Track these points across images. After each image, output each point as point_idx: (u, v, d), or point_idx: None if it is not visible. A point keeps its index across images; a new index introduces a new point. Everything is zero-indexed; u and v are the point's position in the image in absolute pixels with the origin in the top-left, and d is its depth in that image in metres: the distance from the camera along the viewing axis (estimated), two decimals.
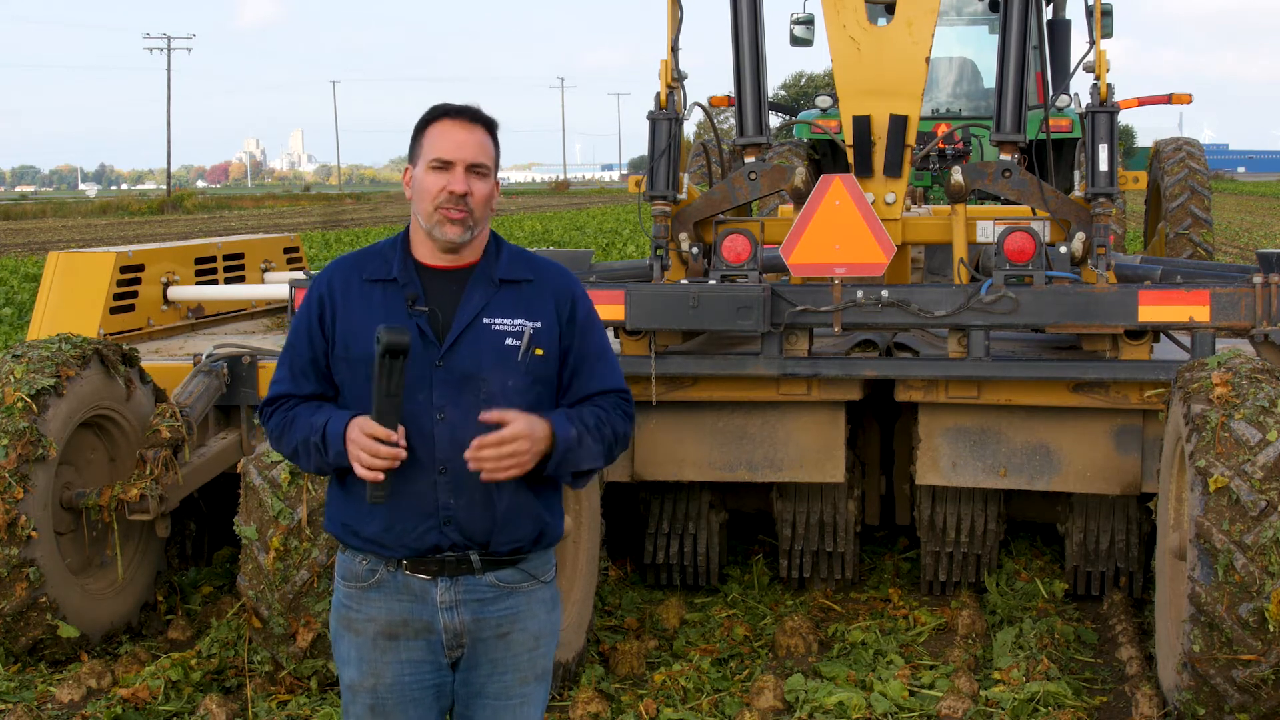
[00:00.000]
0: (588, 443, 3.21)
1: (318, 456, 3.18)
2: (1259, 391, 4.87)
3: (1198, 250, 11.53)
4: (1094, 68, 6.38)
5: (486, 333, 3.20)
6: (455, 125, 3.21)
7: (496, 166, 3.27)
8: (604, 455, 3.27)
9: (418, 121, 3.26)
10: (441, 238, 3.20)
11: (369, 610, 3.23)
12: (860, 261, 5.95)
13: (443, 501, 3.16)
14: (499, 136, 3.28)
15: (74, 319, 7.12)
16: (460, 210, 3.17)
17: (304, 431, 3.19)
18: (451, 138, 3.19)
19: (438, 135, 3.20)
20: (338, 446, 3.13)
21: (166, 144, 77.73)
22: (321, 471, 3.25)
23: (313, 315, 3.26)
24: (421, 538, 3.17)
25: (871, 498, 7.12)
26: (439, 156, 3.18)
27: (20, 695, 5.45)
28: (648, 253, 6.83)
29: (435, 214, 3.18)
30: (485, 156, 3.22)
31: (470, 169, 3.19)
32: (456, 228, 3.19)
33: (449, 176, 3.18)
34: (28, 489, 5.51)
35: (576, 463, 3.21)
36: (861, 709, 5.21)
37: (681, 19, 6.80)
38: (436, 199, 3.17)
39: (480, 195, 3.20)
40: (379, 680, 3.22)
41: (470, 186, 3.18)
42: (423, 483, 3.15)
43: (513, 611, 3.25)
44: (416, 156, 3.24)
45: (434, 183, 3.18)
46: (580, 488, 3.35)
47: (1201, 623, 4.69)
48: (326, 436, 3.15)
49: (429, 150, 3.20)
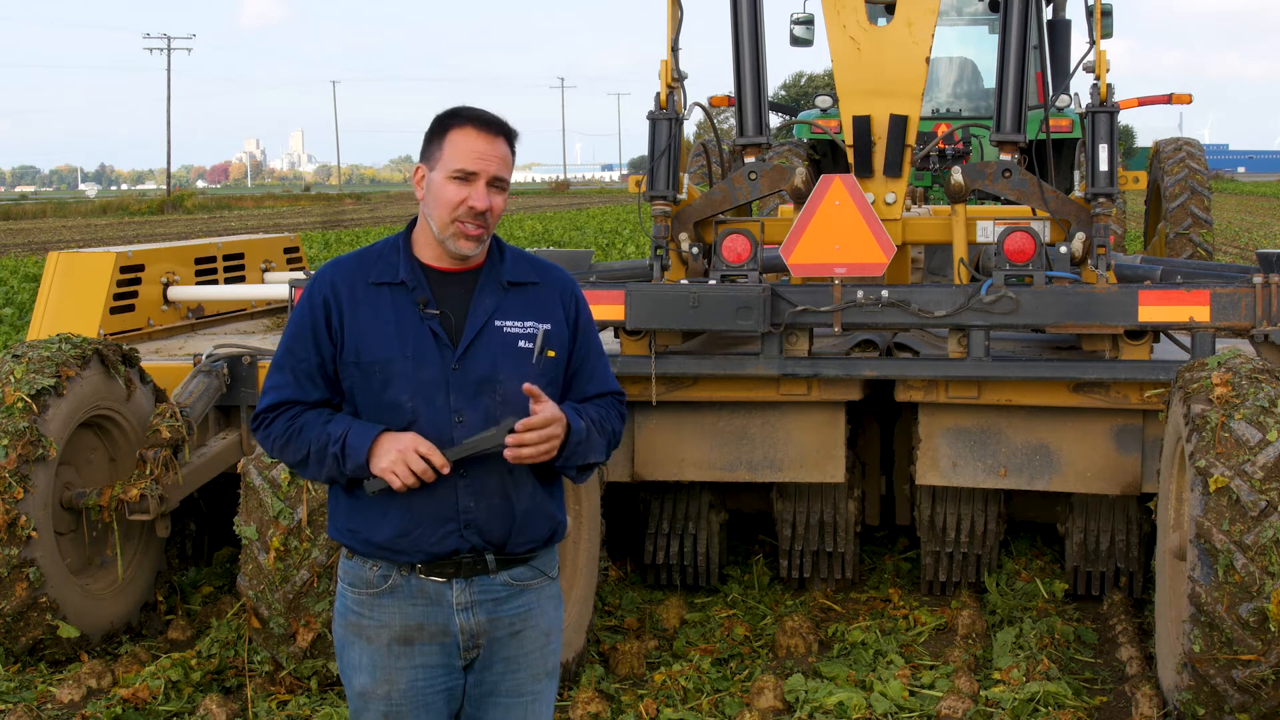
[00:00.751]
0: (594, 436, 3.23)
1: (333, 466, 3.13)
2: (1259, 391, 4.87)
3: (1198, 250, 11.53)
4: (1094, 68, 6.39)
5: (499, 335, 3.18)
6: (479, 135, 3.13)
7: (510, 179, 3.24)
8: (605, 450, 3.29)
9: (437, 120, 3.18)
10: (455, 250, 3.16)
11: (382, 616, 3.20)
12: (860, 261, 5.96)
13: (463, 505, 3.15)
14: (515, 146, 3.21)
15: (74, 319, 7.12)
16: (479, 226, 3.14)
17: (318, 440, 3.14)
18: (475, 148, 3.11)
19: (461, 143, 3.12)
20: (359, 459, 3.09)
21: (166, 144, 77.77)
22: (330, 480, 3.21)
23: (317, 319, 3.19)
24: (441, 541, 3.15)
25: (871, 498, 7.12)
26: (462, 168, 3.11)
27: (20, 695, 5.45)
28: (648, 253, 6.83)
29: (452, 225, 3.13)
30: (506, 170, 3.16)
31: (491, 183, 3.13)
32: (473, 243, 3.16)
33: (470, 190, 3.11)
34: (28, 489, 5.51)
35: (584, 455, 3.22)
36: (861, 709, 5.21)
37: (681, 19, 6.81)
38: (455, 211, 3.12)
39: (497, 210, 3.16)
40: (393, 687, 3.19)
41: (490, 202, 3.13)
42: (443, 487, 3.12)
43: (524, 609, 3.26)
44: (434, 160, 3.16)
45: (455, 194, 3.11)
46: (581, 482, 3.36)
47: (1201, 623, 4.69)
48: (347, 447, 3.10)
49: (451, 158, 3.12)
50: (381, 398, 3.15)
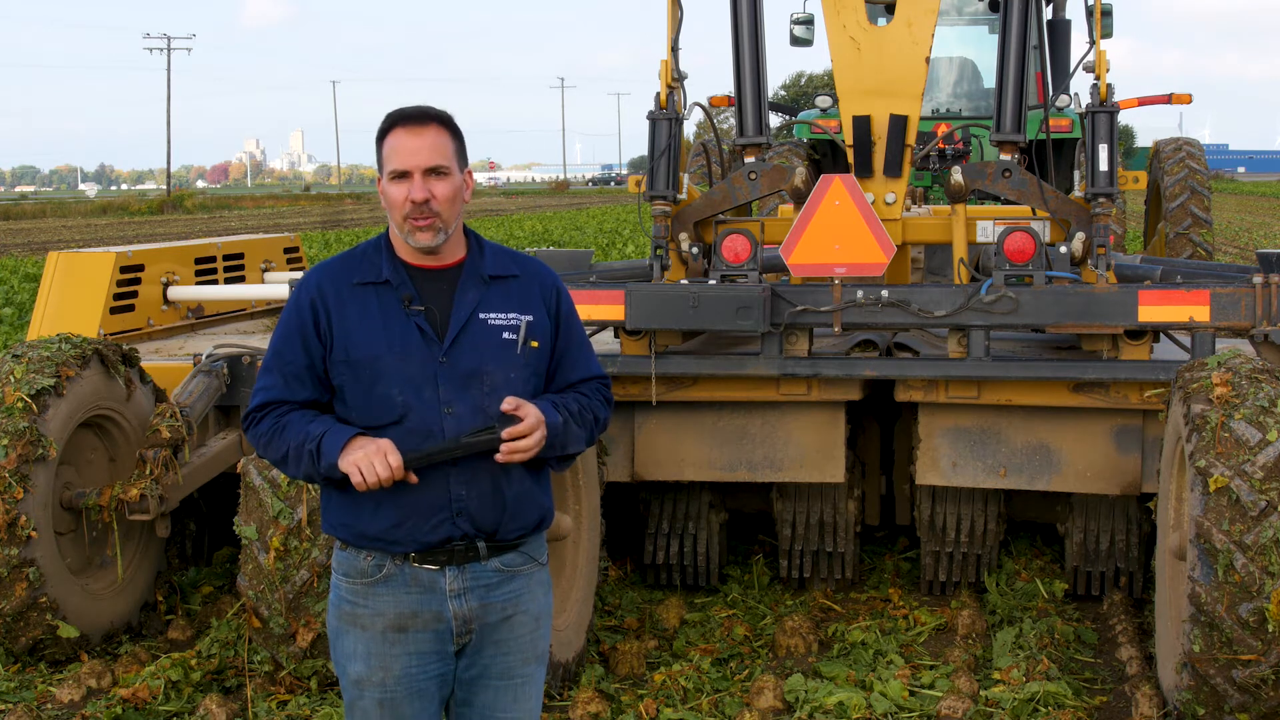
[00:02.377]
0: (572, 428, 3.33)
1: (308, 463, 3.22)
2: (1259, 391, 4.87)
3: (1198, 250, 11.53)
4: (1094, 68, 6.39)
5: (484, 328, 3.28)
6: (405, 133, 3.25)
7: (461, 159, 3.31)
8: (586, 439, 3.39)
9: (377, 131, 3.31)
10: (416, 245, 3.27)
11: (376, 605, 3.28)
12: (860, 261, 5.96)
13: (455, 494, 3.23)
14: (457, 127, 3.31)
15: (74, 319, 7.12)
16: (426, 216, 3.24)
17: (297, 438, 3.23)
18: (404, 146, 3.24)
19: (392, 145, 3.25)
20: (331, 459, 3.18)
21: (166, 144, 77.78)
22: (309, 479, 3.30)
23: (305, 321, 3.29)
24: (434, 530, 3.24)
25: (871, 498, 7.12)
26: (395, 168, 3.24)
27: (20, 695, 5.45)
28: (648, 253, 6.83)
29: (405, 223, 3.25)
30: (441, 157, 3.25)
31: (428, 173, 3.23)
32: (427, 233, 3.26)
33: (408, 186, 3.23)
34: (28, 489, 5.51)
35: (563, 447, 3.32)
36: (861, 709, 5.21)
37: (681, 19, 6.81)
38: (402, 209, 3.24)
39: (444, 195, 3.24)
40: (388, 673, 3.28)
41: (431, 190, 3.23)
42: (435, 477, 3.21)
43: (515, 594, 3.34)
44: (380, 167, 3.31)
45: (397, 194, 3.24)
46: (561, 470, 3.49)
47: (1201, 623, 4.69)
48: (322, 447, 3.19)
49: (387, 162, 3.26)
50: (372, 393, 3.25)
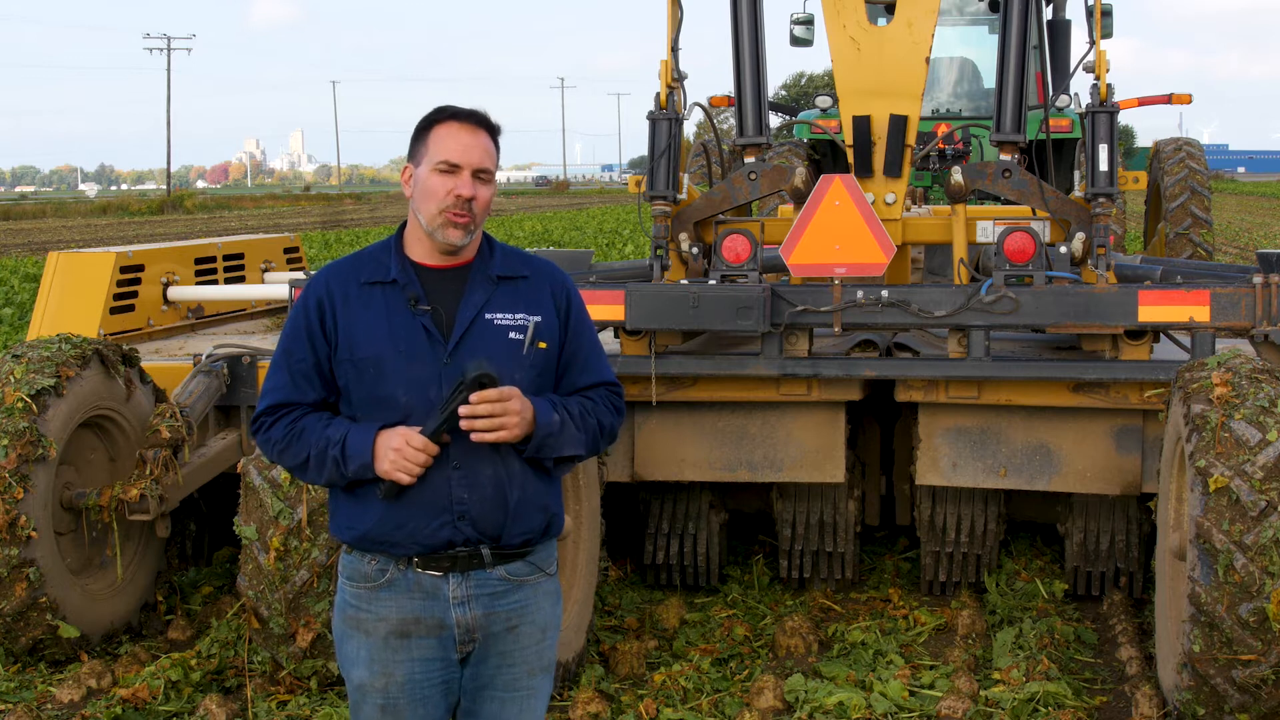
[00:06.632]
0: (569, 430, 3.27)
1: (333, 469, 3.20)
2: (1259, 391, 4.87)
3: (1198, 250, 11.53)
4: (1094, 68, 6.39)
5: (490, 328, 3.25)
6: (462, 128, 3.23)
7: (495, 171, 3.31)
8: (586, 444, 3.32)
9: (422, 121, 3.28)
10: (444, 240, 3.23)
11: (380, 610, 3.26)
12: (860, 261, 5.95)
13: (456, 497, 3.20)
14: (500, 141, 3.30)
15: (74, 319, 7.12)
16: (465, 214, 3.21)
17: (318, 444, 3.21)
18: (459, 140, 3.21)
19: (445, 137, 3.22)
20: (362, 459, 3.16)
21: (166, 144, 77.81)
22: (332, 484, 3.27)
23: (312, 320, 3.28)
24: (435, 534, 3.20)
25: (871, 498, 7.12)
26: (446, 159, 3.20)
27: (20, 695, 5.45)
28: (648, 253, 6.83)
29: (440, 216, 3.21)
30: (490, 162, 3.25)
31: (476, 174, 3.22)
32: (459, 231, 3.23)
33: (456, 180, 3.20)
34: (28, 489, 5.51)
35: (558, 448, 3.26)
36: (861, 709, 5.21)
37: (681, 19, 6.81)
38: (443, 202, 3.20)
39: (483, 200, 3.24)
40: (390, 679, 3.25)
41: (475, 191, 3.21)
42: (436, 479, 3.19)
43: (521, 605, 3.30)
44: (420, 157, 3.25)
45: (440, 185, 3.20)
46: (560, 475, 3.42)
47: (1201, 623, 4.69)
48: (347, 450, 3.17)
49: (436, 152, 3.21)
50: (375, 393, 3.22)
